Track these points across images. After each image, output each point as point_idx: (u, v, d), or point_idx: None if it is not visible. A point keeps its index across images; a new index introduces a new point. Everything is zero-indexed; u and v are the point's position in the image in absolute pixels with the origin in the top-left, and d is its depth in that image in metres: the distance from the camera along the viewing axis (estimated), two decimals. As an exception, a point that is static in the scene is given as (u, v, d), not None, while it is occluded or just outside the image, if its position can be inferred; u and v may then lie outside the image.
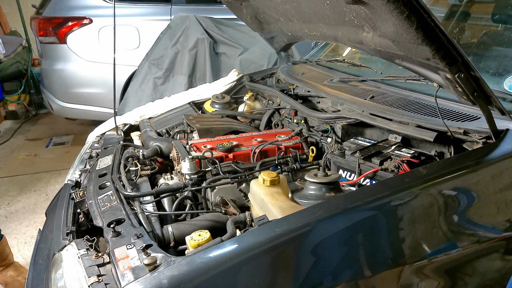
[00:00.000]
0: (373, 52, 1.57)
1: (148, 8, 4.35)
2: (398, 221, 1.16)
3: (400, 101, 1.71)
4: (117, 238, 1.21)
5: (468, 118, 1.47)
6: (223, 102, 2.43)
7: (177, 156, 1.82)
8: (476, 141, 1.38)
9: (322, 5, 1.49)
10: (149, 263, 1.02)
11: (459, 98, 1.38)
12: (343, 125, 1.78)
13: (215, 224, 1.40)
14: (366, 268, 1.11)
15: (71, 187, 1.76)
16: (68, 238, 1.36)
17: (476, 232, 1.25)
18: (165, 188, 1.58)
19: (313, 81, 2.19)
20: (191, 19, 3.95)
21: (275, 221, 1.12)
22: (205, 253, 1.04)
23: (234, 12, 2.35)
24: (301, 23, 1.88)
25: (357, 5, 1.28)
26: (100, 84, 4.08)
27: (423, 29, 1.14)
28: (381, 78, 1.95)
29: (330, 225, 1.10)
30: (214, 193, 1.56)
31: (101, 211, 1.43)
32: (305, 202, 1.34)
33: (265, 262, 1.03)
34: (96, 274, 1.11)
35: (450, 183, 1.23)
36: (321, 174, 1.37)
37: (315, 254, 1.07)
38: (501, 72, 1.75)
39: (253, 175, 1.61)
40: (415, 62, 1.38)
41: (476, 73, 1.24)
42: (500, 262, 1.31)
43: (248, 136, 1.97)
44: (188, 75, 3.84)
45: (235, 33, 4.08)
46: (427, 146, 1.52)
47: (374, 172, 1.43)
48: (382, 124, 1.59)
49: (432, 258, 1.17)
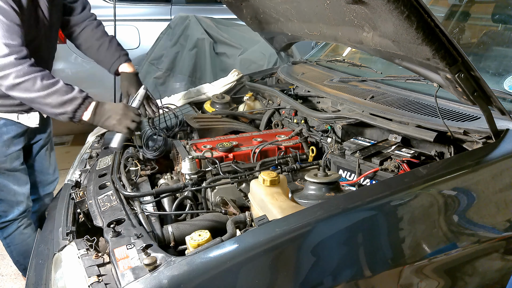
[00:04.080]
0: (373, 52, 1.57)
1: (148, 8, 4.34)
2: (398, 221, 1.17)
3: (400, 101, 1.71)
4: (117, 238, 1.21)
5: (468, 118, 1.47)
6: (223, 102, 2.43)
7: (177, 156, 1.82)
8: (476, 141, 1.38)
9: (322, 5, 1.49)
10: (149, 263, 1.02)
11: (459, 98, 1.38)
12: (343, 125, 1.78)
13: (215, 224, 1.40)
14: (366, 268, 1.11)
15: (71, 187, 1.76)
16: (68, 238, 1.36)
17: (476, 232, 1.25)
18: (165, 188, 1.58)
19: (313, 81, 2.19)
20: (191, 19, 3.94)
21: (275, 221, 1.12)
22: (205, 253, 1.04)
23: (234, 12, 2.35)
24: (301, 23, 1.88)
25: (357, 5, 1.28)
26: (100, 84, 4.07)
27: (423, 29, 1.14)
28: (381, 78, 1.95)
29: (330, 225, 1.10)
30: (214, 193, 1.56)
31: (101, 211, 1.43)
32: (305, 202, 1.34)
33: (265, 262, 1.03)
34: (96, 274, 1.11)
35: (450, 183, 1.23)
36: (321, 174, 1.37)
37: (315, 254, 1.07)
38: (501, 72, 1.75)
39: (253, 175, 1.61)
40: (415, 62, 1.38)
41: (476, 73, 1.24)
42: (500, 262, 1.31)
43: (248, 136, 1.97)
44: (188, 75, 3.84)
45: (235, 33, 4.07)
46: (427, 146, 1.52)
47: (374, 172, 1.43)
48: (382, 124, 1.59)
49: (432, 258, 1.17)
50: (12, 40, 1.61)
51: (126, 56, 2.11)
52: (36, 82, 1.61)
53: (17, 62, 1.60)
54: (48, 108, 1.67)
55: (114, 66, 2.08)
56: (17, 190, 2.06)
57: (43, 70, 1.66)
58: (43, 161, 2.26)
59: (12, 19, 1.61)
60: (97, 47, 2.10)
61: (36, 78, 1.61)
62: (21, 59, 1.61)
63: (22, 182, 2.08)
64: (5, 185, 2.03)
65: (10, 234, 2.12)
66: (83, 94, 1.69)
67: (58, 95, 1.63)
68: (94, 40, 2.09)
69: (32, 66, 1.63)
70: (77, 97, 1.67)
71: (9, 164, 1.99)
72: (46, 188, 2.33)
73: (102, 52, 2.10)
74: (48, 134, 2.25)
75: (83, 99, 1.67)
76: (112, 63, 2.08)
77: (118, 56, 2.08)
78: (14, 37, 1.61)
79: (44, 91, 1.62)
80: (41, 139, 2.20)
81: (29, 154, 2.19)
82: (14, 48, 1.61)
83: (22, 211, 2.10)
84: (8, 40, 1.60)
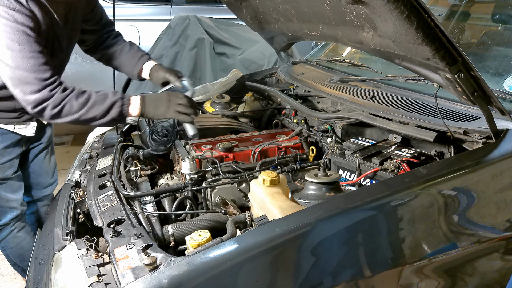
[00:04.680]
0: (373, 52, 1.57)
1: (148, 8, 4.35)
2: (398, 221, 1.17)
3: (400, 101, 1.71)
4: (117, 238, 1.21)
5: (468, 118, 1.47)
6: (223, 102, 2.43)
7: (177, 156, 1.82)
8: (476, 141, 1.38)
9: (322, 5, 1.49)
10: (149, 263, 1.02)
11: (459, 98, 1.38)
12: (343, 125, 1.78)
13: (215, 224, 1.40)
14: (366, 268, 1.11)
15: (71, 187, 1.76)
16: (68, 238, 1.36)
17: (476, 232, 1.25)
18: (165, 188, 1.58)
19: (313, 81, 2.19)
20: (191, 19, 3.94)
21: (275, 221, 1.12)
22: (205, 253, 1.04)
23: (234, 12, 2.35)
24: (301, 23, 1.88)
25: (357, 5, 1.28)
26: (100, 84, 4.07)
27: (423, 29, 1.14)
28: (381, 78, 1.95)
29: (330, 225, 1.10)
30: (214, 193, 1.56)
31: (101, 211, 1.43)
32: (305, 202, 1.34)
33: (265, 262, 1.03)
34: (96, 274, 1.11)
35: (450, 183, 1.23)
36: (321, 174, 1.37)
37: (315, 254, 1.07)
38: (501, 72, 1.75)
39: (253, 175, 1.61)
40: (415, 62, 1.38)
41: (476, 73, 1.24)
42: (500, 262, 1.31)
43: (248, 136, 1.97)
44: (188, 75, 3.84)
45: (235, 33, 4.07)
46: (427, 146, 1.52)
47: (374, 172, 1.43)
48: (382, 124, 1.59)
49: (432, 258, 1.17)
50: (42, 73, 1.57)
51: (147, 55, 2.06)
52: (72, 105, 1.60)
53: (51, 93, 1.58)
54: (96, 122, 1.67)
55: (137, 68, 2.02)
56: (10, 196, 2.05)
57: (73, 89, 1.64)
58: (43, 164, 2.25)
59: (37, 49, 1.57)
60: (116, 56, 2.06)
61: (72, 100, 1.60)
62: (53, 88, 1.59)
63: (15, 189, 2.07)
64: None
65: (4, 238, 2.12)
66: (118, 95, 1.69)
67: (97, 106, 1.63)
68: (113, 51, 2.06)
69: (64, 91, 1.61)
70: (115, 100, 1.66)
71: (1, 174, 1.98)
72: (45, 190, 2.32)
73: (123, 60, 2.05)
74: (49, 137, 2.24)
75: (121, 99, 1.67)
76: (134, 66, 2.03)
77: (138, 58, 2.03)
78: (43, 68, 1.58)
79: (84, 108, 1.62)
80: (42, 142, 2.19)
81: (28, 157, 2.18)
82: (46, 80, 1.58)
83: (15, 215, 2.09)
84: (39, 74, 1.57)
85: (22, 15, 1.54)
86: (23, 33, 1.53)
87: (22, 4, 1.55)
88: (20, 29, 1.53)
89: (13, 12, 1.52)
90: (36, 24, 1.60)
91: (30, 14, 1.57)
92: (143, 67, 2.03)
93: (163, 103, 1.69)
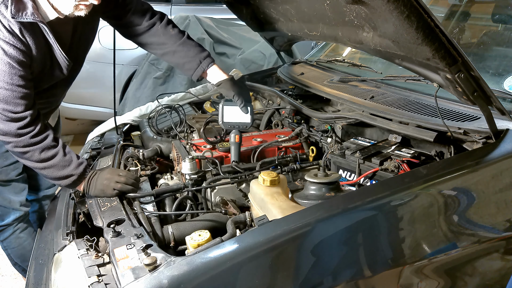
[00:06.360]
0: (373, 52, 1.57)
1: (148, 8, 4.33)
2: (398, 221, 1.17)
3: (400, 101, 1.71)
4: (117, 238, 1.21)
5: (468, 118, 1.47)
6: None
7: (177, 156, 1.82)
8: (476, 141, 1.38)
9: (322, 5, 1.49)
10: (149, 263, 1.02)
11: (459, 98, 1.38)
12: (343, 125, 1.78)
13: (215, 224, 1.40)
14: (366, 268, 1.11)
15: (71, 187, 1.76)
16: (68, 238, 1.36)
17: (476, 232, 1.25)
18: (165, 188, 1.58)
19: (313, 81, 2.19)
20: (191, 19, 3.94)
21: (275, 221, 1.12)
22: (205, 253, 1.04)
23: (234, 12, 2.35)
24: (301, 23, 1.88)
25: (357, 5, 1.28)
26: (100, 84, 4.07)
27: (423, 29, 1.15)
28: (381, 78, 1.95)
29: (330, 225, 1.10)
30: (214, 193, 1.56)
31: (101, 211, 1.43)
32: (305, 202, 1.34)
33: (265, 262, 1.03)
34: (96, 274, 1.11)
35: (450, 183, 1.23)
36: (321, 174, 1.37)
37: (315, 254, 1.07)
38: (501, 72, 1.75)
39: (253, 175, 1.61)
40: (415, 62, 1.38)
41: (476, 73, 1.24)
42: (500, 262, 1.31)
43: (248, 136, 1.97)
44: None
45: (235, 33, 4.07)
46: (427, 146, 1.52)
47: (374, 172, 1.44)
48: (382, 124, 1.59)
49: (432, 258, 1.17)
50: (15, 107, 1.49)
51: (207, 59, 1.88)
52: (34, 155, 1.53)
53: (18, 133, 1.50)
54: (47, 178, 1.62)
55: (197, 74, 1.87)
56: (13, 198, 2.05)
57: (44, 139, 1.55)
58: None
59: (17, 82, 1.49)
60: (172, 53, 1.91)
61: (35, 152, 1.53)
62: (23, 128, 1.51)
63: (19, 190, 2.07)
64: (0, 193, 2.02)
65: (7, 238, 2.13)
66: (79, 170, 1.57)
67: (54, 169, 1.56)
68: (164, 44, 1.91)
69: (34, 137, 1.53)
70: (72, 174, 1.56)
71: (5, 176, 1.98)
72: (47, 190, 2.33)
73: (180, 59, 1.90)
74: None
75: (78, 176, 1.57)
76: (194, 70, 1.87)
77: (199, 62, 1.86)
78: (16, 101, 1.49)
79: (41, 163, 1.55)
80: None
81: None
82: (15, 113, 1.49)
83: (18, 216, 2.10)
84: (9, 106, 1.48)
85: (14, 49, 1.47)
86: (8, 64, 1.47)
87: (15, 36, 1.48)
88: (6, 61, 1.47)
89: (2, 43, 1.46)
90: (28, 57, 1.53)
91: (23, 48, 1.50)
92: (207, 71, 1.87)
93: (102, 182, 1.57)
